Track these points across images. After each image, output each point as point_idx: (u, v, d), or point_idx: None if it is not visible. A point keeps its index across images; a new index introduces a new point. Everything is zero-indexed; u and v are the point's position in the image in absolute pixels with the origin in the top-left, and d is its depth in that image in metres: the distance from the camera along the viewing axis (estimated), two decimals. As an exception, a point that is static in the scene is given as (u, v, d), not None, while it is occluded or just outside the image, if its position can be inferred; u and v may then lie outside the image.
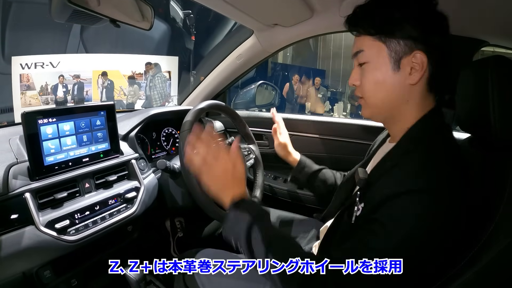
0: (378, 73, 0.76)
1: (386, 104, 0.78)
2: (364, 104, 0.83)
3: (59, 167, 0.97)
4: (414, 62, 0.73)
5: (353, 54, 0.81)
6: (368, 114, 0.84)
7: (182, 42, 4.20)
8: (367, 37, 0.77)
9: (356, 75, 0.82)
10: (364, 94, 0.80)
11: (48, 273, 0.93)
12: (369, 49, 0.77)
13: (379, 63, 0.76)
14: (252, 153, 1.37)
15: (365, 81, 0.79)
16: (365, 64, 0.78)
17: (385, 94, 0.77)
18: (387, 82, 0.76)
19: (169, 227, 1.55)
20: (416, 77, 0.73)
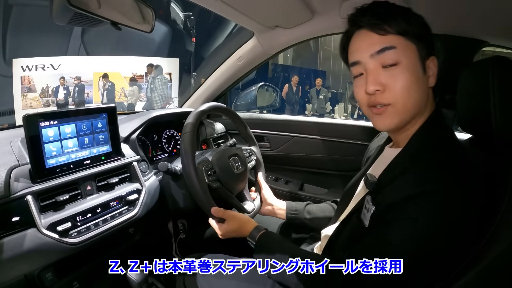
0: (412, 74, 0.72)
1: (416, 109, 0.74)
2: (392, 112, 0.74)
3: (60, 169, 0.97)
4: (431, 66, 0.74)
5: (378, 50, 0.72)
6: (397, 123, 0.75)
7: (183, 44, 4.21)
8: (395, 36, 0.71)
9: (382, 78, 0.73)
10: (395, 99, 0.72)
11: (50, 275, 0.93)
12: (401, 46, 0.71)
13: (411, 63, 0.72)
14: (254, 155, 1.37)
15: (396, 84, 0.71)
16: (393, 66, 0.71)
17: (417, 98, 0.73)
18: (418, 85, 0.73)
19: (172, 228, 1.55)
20: (433, 80, 0.75)
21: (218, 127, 1.72)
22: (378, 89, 0.73)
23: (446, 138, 0.74)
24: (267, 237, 0.97)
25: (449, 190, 0.63)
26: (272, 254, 0.88)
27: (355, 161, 1.31)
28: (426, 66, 0.74)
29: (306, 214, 1.23)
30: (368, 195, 0.76)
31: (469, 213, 0.63)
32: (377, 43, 0.72)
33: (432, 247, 0.63)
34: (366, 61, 0.74)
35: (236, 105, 2.04)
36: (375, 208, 0.71)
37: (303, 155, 1.73)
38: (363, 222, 0.74)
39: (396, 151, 0.79)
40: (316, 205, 1.25)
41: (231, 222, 1.03)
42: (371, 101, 0.75)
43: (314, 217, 1.23)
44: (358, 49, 0.77)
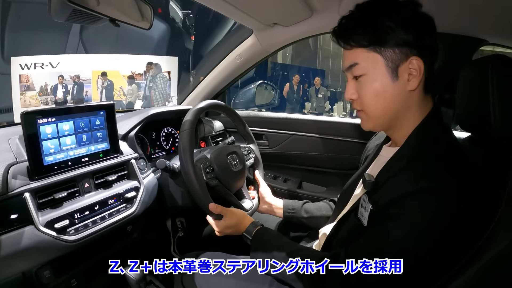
0: (377, 84, 0.75)
1: (388, 114, 0.77)
2: (365, 117, 0.81)
3: (58, 167, 0.97)
4: (411, 69, 0.73)
5: (346, 67, 0.79)
6: (370, 126, 0.83)
7: (182, 42, 4.21)
8: (359, 49, 0.75)
9: (353, 89, 0.80)
10: (364, 107, 0.79)
11: (48, 273, 0.93)
12: (364, 61, 0.75)
13: (377, 74, 0.74)
14: (252, 153, 1.37)
15: (364, 94, 0.77)
16: (361, 76, 0.76)
17: (386, 104, 0.76)
18: (387, 92, 0.75)
19: (170, 226, 1.55)
20: (415, 83, 0.73)
21: (216, 125, 1.72)
22: (352, 98, 0.80)
23: (443, 137, 0.74)
24: (263, 233, 0.98)
25: (445, 187, 0.63)
26: (269, 251, 0.88)
27: (354, 159, 1.31)
28: (401, 70, 0.73)
29: (304, 213, 1.23)
30: (365, 195, 0.76)
31: (466, 210, 0.63)
32: (346, 59, 0.79)
33: (430, 244, 0.63)
34: (345, 73, 0.81)
35: (234, 103, 2.04)
36: (373, 206, 0.71)
37: (301, 153, 1.73)
38: (361, 221, 0.75)
39: (393, 150, 0.79)
40: (314, 204, 1.25)
41: (228, 218, 1.03)
42: (352, 106, 0.84)
43: (311, 216, 1.23)
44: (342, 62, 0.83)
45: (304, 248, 0.90)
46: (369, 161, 0.97)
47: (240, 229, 1.01)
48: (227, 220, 1.03)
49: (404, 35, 0.71)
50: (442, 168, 0.66)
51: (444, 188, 0.63)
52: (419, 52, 0.72)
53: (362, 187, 0.86)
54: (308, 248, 0.94)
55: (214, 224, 1.06)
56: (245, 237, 0.99)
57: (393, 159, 0.77)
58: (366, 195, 0.76)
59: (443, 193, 0.63)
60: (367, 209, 0.73)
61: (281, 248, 0.87)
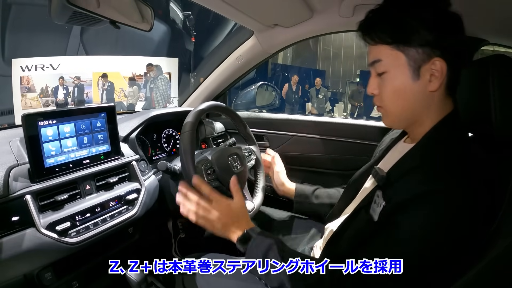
0: (398, 82, 0.75)
1: (407, 112, 0.78)
2: (385, 113, 0.82)
3: (59, 169, 0.97)
4: (433, 69, 0.72)
5: (370, 63, 0.79)
6: (389, 123, 0.84)
7: (182, 44, 4.21)
8: (383, 45, 0.75)
9: (374, 84, 0.80)
10: (384, 103, 0.80)
11: (49, 275, 0.93)
12: (387, 58, 0.75)
13: (398, 72, 0.74)
14: (253, 154, 1.37)
15: (384, 90, 0.78)
16: (384, 73, 0.76)
17: (405, 103, 0.76)
18: (407, 91, 0.75)
19: (171, 228, 1.54)
20: (436, 84, 0.73)
21: (217, 127, 1.72)
22: (373, 93, 0.81)
23: (458, 138, 0.74)
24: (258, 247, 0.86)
25: (458, 190, 0.63)
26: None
27: (355, 160, 1.31)
28: (423, 70, 0.72)
29: (314, 199, 1.25)
30: (378, 190, 0.76)
31: (478, 212, 0.63)
32: (370, 54, 0.79)
33: (442, 245, 0.63)
34: (369, 68, 0.81)
35: (235, 104, 2.04)
36: (385, 203, 0.71)
37: (302, 154, 1.72)
38: (372, 217, 0.74)
39: (409, 146, 0.79)
40: (325, 190, 1.27)
41: (216, 206, 0.91)
42: (373, 101, 0.83)
43: (321, 202, 1.24)
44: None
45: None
46: (382, 154, 0.97)
47: (229, 231, 0.91)
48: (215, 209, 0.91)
49: (428, 36, 0.71)
50: (455, 170, 0.65)
51: (456, 191, 0.63)
52: (442, 53, 0.71)
53: (373, 181, 0.85)
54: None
55: (184, 202, 0.93)
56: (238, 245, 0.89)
57: (407, 156, 0.77)
58: (380, 190, 0.75)
59: (455, 195, 0.62)
60: (380, 205, 0.73)
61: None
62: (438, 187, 0.63)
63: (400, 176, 0.72)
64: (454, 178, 0.64)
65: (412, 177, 0.69)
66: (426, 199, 0.64)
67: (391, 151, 0.93)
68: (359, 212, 0.82)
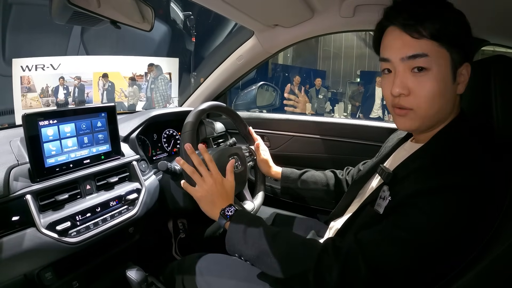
0: (441, 83, 0.70)
1: (438, 115, 0.74)
2: (413, 116, 0.74)
3: (60, 168, 0.97)
4: (463, 73, 0.72)
5: (409, 55, 0.70)
6: (414, 127, 0.76)
7: (183, 44, 4.21)
8: (430, 41, 0.69)
9: (406, 82, 0.72)
10: (418, 105, 0.72)
11: (50, 275, 0.93)
12: (433, 54, 0.69)
13: (442, 72, 0.70)
14: (253, 154, 1.37)
15: (421, 91, 0.71)
16: (423, 70, 0.70)
17: (441, 106, 0.72)
18: (446, 94, 0.71)
19: (172, 228, 1.54)
20: (463, 87, 0.73)
21: (218, 127, 1.72)
22: (403, 93, 0.72)
23: (469, 138, 0.73)
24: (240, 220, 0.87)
25: (468, 186, 0.62)
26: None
27: (355, 160, 1.31)
28: (458, 73, 0.71)
29: (300, 184, 1.27)
30: (385, 186, 0.75)
31: (485, 209, 0.63)
32: (410, 47, 0.70)
33: (448, 237, 0.62)
34: (396, 62, 0.73)
35: (236, 105, 2.04)
36: (391, 198, 0.71)
37: (303, 154, 1.73)
38: (377, 211, 0.74)
39: (417, 146, 0.79)
40: (312, 175, 1.29)
41: (212, 176, 0.93)
42: (395, 102, 0.75)
43: (306, 188, 1.26)
44: (390, 48, 0.75)
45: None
46: (387, 153, 0.97)
47: (214, 203, 0.91)
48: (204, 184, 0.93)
49: (465, 36, 0.70)
50: (468, 167, 0.65)
51: (466, 187, 0.62)
52: (469, 57, 0.72)
53: (379, 179, 0.85)
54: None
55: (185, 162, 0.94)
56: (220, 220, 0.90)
57: (416, 155, 0.76)
58: (386, 186, 0.75)
59: (466, 191, 0.62)
60: (385, 199, 0.72)
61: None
62: (452, 182, 0.63)
63: (408, 173, 0.71)
64: (468, 173, 0.63)
65: (422, 174, 0.68)
66: (436, 194, 0.63)
67: (397, 150, 0.93)
68: (364, 209, 0.81)
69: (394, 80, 0.73)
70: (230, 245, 0.85)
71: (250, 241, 0.81)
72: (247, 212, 0.92)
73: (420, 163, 0.72)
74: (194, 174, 0.93)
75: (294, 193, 1.30)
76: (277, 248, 0.77)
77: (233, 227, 0.85)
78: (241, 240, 0.82)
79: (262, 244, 0.79)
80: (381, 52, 0.78)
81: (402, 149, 0.90)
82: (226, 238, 0.85)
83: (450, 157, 0.69)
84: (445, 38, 0.68)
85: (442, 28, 0.68)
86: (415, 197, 0.65)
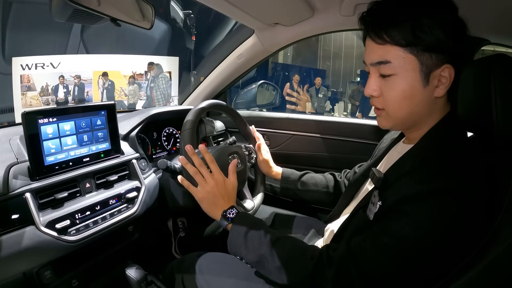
0: (407, 87, 0.71)
1: (411, 117, 0.76)
2: (386, 116, 0.78)
3: (59, 167, 0.97)
4: (442, 76, 0.71)
5: (374, 63, 0.73)
6: (388, 126, 0.80)
7: (183, 42, 4.21)
8: (393, 46, 0.70)
9: (376, 85, 0.75)
10: (387, 107, 0.76)
11: (49, 273, 0.93)
12: (397, 60, 0.70)
13: (408, 76, 0.71)
14: (253, 153, 1.37)
15: (389, 93, 0.74)
16: (390, 76, 0.72)
17: (411, 108, 0.74)
18: (415, 97, 0.72)
19: (171, 227, 1.54)
20: (443, 90, 0.72)
21: (217, 125, 1.72)
22: (373, 95, 0.76)
23: (457, 138, 0.73)
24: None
25: (457, 189, 0.62)
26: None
27: (355, 159, 1.31)
28: (433, 76, 0.71)
29: (300, 185, 1.27)
30: (375, 190, 0.75)
31: (477, 212, 0.63)
32: (375, 54, 0.73)
33: (436, 244, 0.62)
34: (368, 66, 0.77)
35: (236, 103, 2.04)
36: (382, 203, 0.71)
37: (303, 153, 1.73)
38: (368, 216, 0.74)
39: (408, 147, 0.79)
40: (312, 177, 1.29)
41: (214, 177, 0.94)
42: (371, 102, 0.79)
43: (306, 189, 1.26)
44: (365, 52, 0.78)
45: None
46: (381, 155, 0.97)
47: (216, 204, 0.92)
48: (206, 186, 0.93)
49: (443, 39, 0.68)
50: (455, 170, 0.65)
51: (456, 190, 0.62)
52: (452, 60, 0.70)
53: (371, 182, 0.85)
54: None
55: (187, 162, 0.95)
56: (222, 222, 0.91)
57: (406, 157, 0.77)
58: (377, 190, 0.75)
59: (455, 195, 0.62)
60: (375, 205, 0.72)
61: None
62: (439, 187, 0.63)
63: (398, 177, 0.72)
64: (455, 177, 0.64)
65: (411, 177, 0.68)
66: (425, 198, 0.63)
67: (390, 151, 0.93)
68: (357, 213, 0.82)
69: (367, 82, 0.77)
70: (232, 247, 0.86)
71: (251, 245, 0.82)
72: (249, 214, 0.92)
73: (411, 166, 0.72)
74: (196, 175, 0.93)
75: (294, 194, 1.30)
76: (277, 255, 0.78)
77: (235, 230, 0.86)
78: (242, 244, 0.83)
79: (262, 249, 0.80)
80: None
81: (394, 151, 0.90)
82: (228, 241, 0.86)
83: (438, 159, 0.69)
84: (408, 44, 0.68)
85: (407, 34, 0.68)
86: (403, 203, 0.66)
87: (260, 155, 1.36)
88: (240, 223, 0.86)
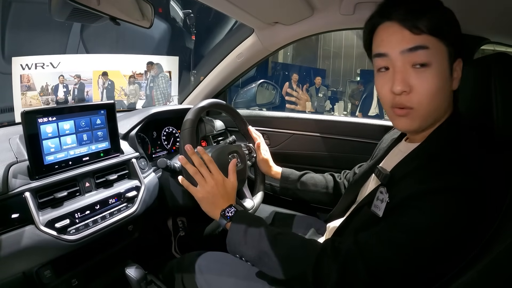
0: (440, 79, 0.68)
1: (436, 114, 0.72)
2: (413, 116, 0.71)
3: (59, 166, 0.97)
4: (457, 69, 0.71)
5: (409, 48, 0.67)
6: (413, 128, 0.74)
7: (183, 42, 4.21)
8: (429, 36, 0.67)
9: (407, 79, 0.68)
10: (418, 103, 0.69)
11: (49, 273, 0.93)
12: (434, 47, 0.67)
13: (441, 67, 0.68)
14: (253, 152, 1.37)
15: (422, 88, 0.68)
16: (424, 66, 0.67)
17: (440, 103, 0.71)
18: (445, 90, 0.70)
19: (171, 226, 1.54)
20: (457, 83, 0.72)
21: (217, 124, 1.72)
22: (405, 90, 0.69)
23: (464, 137, 0.73)
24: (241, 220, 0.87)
25: (465, 187, 0.62)
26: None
27: (355, 158, 1.31)
28: (453, 68, 0.71)
29: (299, 185, 1.27)
30: (381, 187, 0.75)
31: (483, 210, 0.62)
32: (409, 40, 0.67)
33: (443, 240, 0.62)
34: (395, 57, 0.70)
35: (235, 102, 2.04)
36: (390, 199, 0.70)
37: (303, 152, 1.72)
38: (376, 213, 0.73)
39: (412, 146, 0.78)
40: (311, 177, 1.29)
41: (213, 177, 0.94)
42: (395, 102, 0.71)
43: (305, 189, 1.26)
44: (387, 42, 0.71)
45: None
46: (383, 154, 0.96)
47: (216, 203, 0.92)
48: (206, 185, 0.93)
49: (458, 33, 0.70)
50: (462, 169, 0.64)
51: (462, 188, 0.62)
52: (462, 53, 0.71)
53: (376, 180, 0.85)
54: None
55: (187, 162, 0.95)
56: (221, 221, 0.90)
57: (412, 155, 0.76)
58: (383, 187, 0.74)
59: (463, 192, 0.61)
60: (383, 201, 0.72)
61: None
62: (446, 185, 0.62)
63: (405, 174, 0.71)
64: (462, 176, 0.63)
65: (419, 175, 0.68)
66: (435, 195, 0.63)
67: (392, 150, 0.92)
68: (361, 210, 0.81)
69: (395, 77, 0.69)
70: (231, 245, 0.85)
71: (250, 242, 0.81)
72: (248, 212, 0.93)
73: (417, 164, 0.71)
74: (196, 174, 0.94)
75: (293, 194, 1.30)
76: (277, 250, 0.77)
77: (234, 228, 0.86)
78: (241, 241, 0.83)
79: (262, 245, 0.79)
80: (375, 48, 0.75)
81: (397, 150, 0.89)
82: (227, 239, 0.86)
83: (446, 157, 0.68)
84: (442, 33, 0.67)
85: (439, 23, 0.67)
86: (412, 199, 0.65)
87: (259, 154, 1.36)
88: (239, 221, 0.86)
